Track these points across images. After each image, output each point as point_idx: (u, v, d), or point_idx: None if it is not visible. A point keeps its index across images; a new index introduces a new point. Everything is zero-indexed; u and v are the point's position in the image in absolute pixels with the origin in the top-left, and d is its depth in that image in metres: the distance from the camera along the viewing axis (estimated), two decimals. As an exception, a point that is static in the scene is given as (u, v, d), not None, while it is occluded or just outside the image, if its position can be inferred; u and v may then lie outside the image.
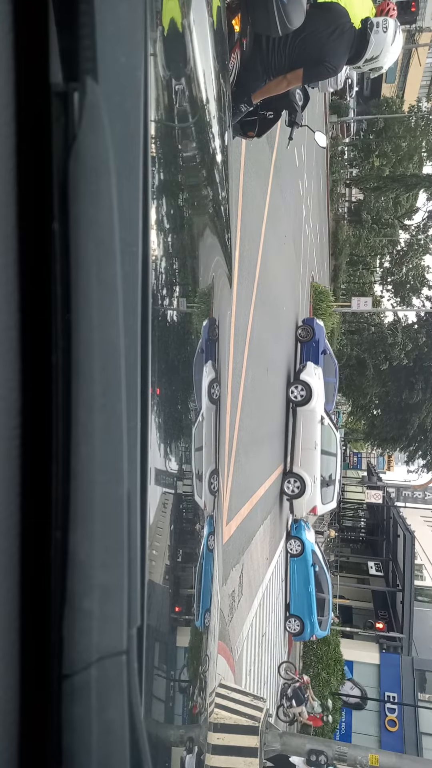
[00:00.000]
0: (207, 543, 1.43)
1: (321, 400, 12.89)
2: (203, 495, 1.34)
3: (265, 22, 2.71)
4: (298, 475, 12.63)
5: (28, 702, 0.45)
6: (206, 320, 1.39)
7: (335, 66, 3.18)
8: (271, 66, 3.17)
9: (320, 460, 12.74)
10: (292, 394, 12.67)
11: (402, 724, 18.69)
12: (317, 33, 3.12)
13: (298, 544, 14.08)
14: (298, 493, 12.64)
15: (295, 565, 14.02)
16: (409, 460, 35.38)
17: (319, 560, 14.46)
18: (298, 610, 13.95)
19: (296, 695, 12.98)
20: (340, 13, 3.20)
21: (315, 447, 12.63)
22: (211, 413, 1.41)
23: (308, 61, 3.17)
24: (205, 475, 1.34)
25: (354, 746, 7.90)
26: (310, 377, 12.86)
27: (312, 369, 13.06)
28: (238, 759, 4.70)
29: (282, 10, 2.63)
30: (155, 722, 0.92)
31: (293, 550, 14.09)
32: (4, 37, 0.42)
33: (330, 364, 14.19)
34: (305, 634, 13.97)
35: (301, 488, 12.62)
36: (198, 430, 1.24)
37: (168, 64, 0.93)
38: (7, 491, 0.44)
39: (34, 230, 0.45)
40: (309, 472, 12.63)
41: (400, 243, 37.03)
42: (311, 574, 13.97)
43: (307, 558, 14.02)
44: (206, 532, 1.43)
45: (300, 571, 14.00)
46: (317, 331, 13.77)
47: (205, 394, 1.33)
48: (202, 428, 1.27)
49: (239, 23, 2.87)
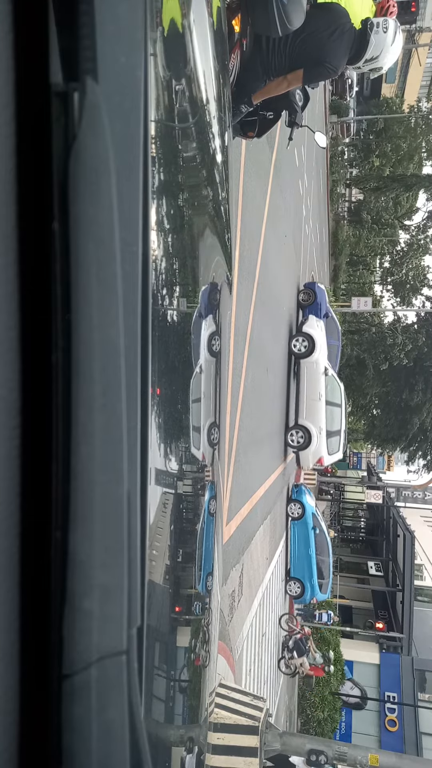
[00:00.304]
0: (208, 507, 1.42)
1: (324, 351, 12.88)
2: (201, 446, 1.32)
3: (265, 22, 2.71)
4: (303, 427, 12.63)
5: (28, 702, 0.45)
6: (206, 286, 1.36)
7: (335, 66, 3.18)
8: (271, 66, 3.17)
9: (325, 411, 12.75)
10: (295, 346, 12.62)
11: (402, 724, 18.70)
12: (317, 33, 3.12)
13: (299, 507, 14.20)
14: (303, 444, 12.66)
15: (296, 528, 14.12)
16: (410, 461, 35.37)
17: (319, 524, 14.57)
18: (298, 572, 14.02)
19: (297, 647, 13.02)
20: (340, 14, 3.20)
21: (319, 398, 12.63)
22: (211, 366, 1.39)
23: (308, 62, 3.17)
24: (203, 427, 1.32)
25: (354, 746, 7.90)
26: (313, 329, 12.84)
27: (314, 321, 13.05)
28: (238, 759, 4.70)
29: (282, 10, 2.63)
30: (155, 722, 0.92)
31: (294, 513, 14.21)
32: (4, 37, 0.42)
33: (332, 327, 14.12)
34: (306, 596, 14.03)
35: (306, 440, 12.62)
36: (196, 381, 1.22)
37: (168, 64, 0.93)
38: (7, 491, 0.44)
39: (34, 230, 0.45)
40: (314, 423, 12.63)
41: (400, 243, 37.02)
42: (311, 536, 14.06)
43: (307, 521, 14.12)
44: (207, 496, 1.42)
45: (300, 534, 14.09)
46: (319, 295, 13.65)
47: (205, 347, 1.31)
48: (200, 380, 1.25)
49: (239, 23, 2.87)
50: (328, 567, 14.77)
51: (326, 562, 14.64)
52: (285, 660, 13.00)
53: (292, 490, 14.48)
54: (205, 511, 1.41)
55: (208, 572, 1.42)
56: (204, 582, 1.38)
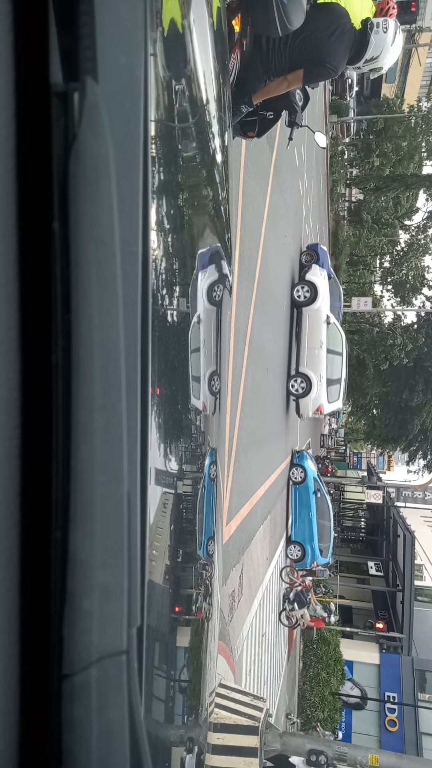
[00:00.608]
0: (209, 472, 1.42)
1: (326, 300, 12.86)
2: (201, 396, 1.29)
3: (265, 22, 2.70)
4: (304, 375, 12.66)
5: (28, 702, 0.45)
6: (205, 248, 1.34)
7: (335, 67, 3.19)
8: (271, 66, 3.17)
9: (326, 360, 12.78)
10: (297, 294, 12.61)
11: (402, 724, 18.70)
12: (317, 33, 3.12)
13: (301, 471, 14.28)
14: (303, 392, 12.69)
15: (297, 492, 14.19)
16: (410, 461, 35.38)
17: (321, 488, 14.64)
18: (299, 536, 14.07)
19: (298, 598, 13.05)
20: (340, 14, 3.20)
21: (321, 346, 12.65)
22: (211, 315, 1.37)
23: (308, 62, 3.17)
24: (204, 376, 1.30)
25: (354, 746, 7.90)
26: (316, 277, 12.83)
27: (317, 270, 13.02)
28: (238, 759, 4.70)
29: (282, 10, 2.62)
30: (155, 722, 0.92)
31: (296, 477, 14.27)
32: (4, 37, 0.42)
33: (335, 289, 14.09)
34: (306, 560, 14.03)
35: (307, 387, 12.66)
36: (194, 331, 1.20)
37: (168, 64, 0.93)
38: (7, 491, 0.44)
39: (34, 230, 0.45)
40: (315, 371, 12.67)
41: (400, 243, 37.02)
42: (313, 500, 14.14)
43: (309, 485, 14.20)
44: (207, 461, 1.42)
45: (302, 498, 14.16)
46: (321, 256, 13.53)
47: (203, 296, 1.29)
48: (199, 330, 1.23)
49: (239, 23, 2.87)
50: (329, 531, 14.88)
51: (327, 526, 14.72)
52: (286, 612, 13.00)
53: (295, 455, 14.54)
54: (206, 476, 1.40)
55: (209, 537, 1.42)
56: (205, 547, 1.38)
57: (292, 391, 12.67)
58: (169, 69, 0.95)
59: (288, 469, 13.95)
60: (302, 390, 12.68)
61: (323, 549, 14.43)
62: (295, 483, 14.19)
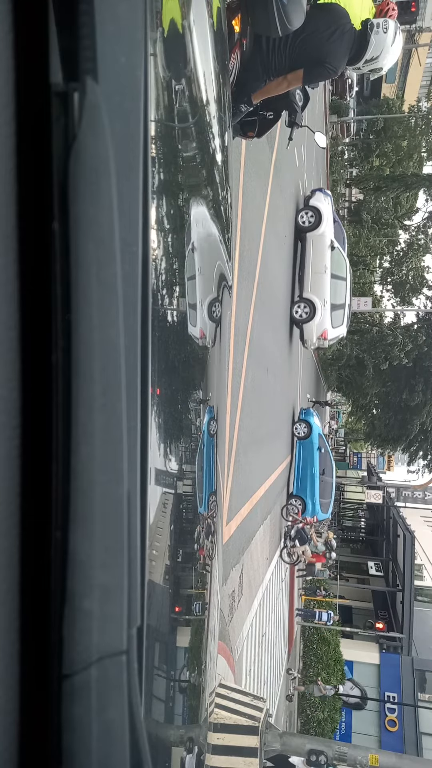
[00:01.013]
0: (208, 429, 1.41)
1: (330, 226, 12.81)
2: (198, 322, 1.23)
3: (265, 22, 2.70)
4: (308, 300, 12.64)
5: (28, 702, 0.45)
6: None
7: (335, 67, 3.19)
8: (271, 66, 3.17)
9: (330, 284, 12.76)
10: (301, 219, 12.56)
11: (402, 724, 18.69)
12: (317, 34, 3.12)
13: (305, 426, 14.37)
14: (307, 317, 12.67)
15: (301, 447, 14.29)
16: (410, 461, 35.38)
17: (324, 444, 14.72)
18: (300, 490, 14.17)
19: (300, 535, 13.10)
20: (340, 14, 3.21)
21: (325, 271, 12.62)
22: (206, 243, 1.32)
23: (308, 62, 3.17)
24: (202, 303, 1.24)
25: (354, 746, 7.90)
26: (320, 202, 12.79)
27: (321, 196, 13.00)
28: (238, 759, 4.70)
29: (282, 10, 2.62)
30: (155, 722, 0.92)
31: (300, 432, 14.35)
32: (4, 37, 0.42)
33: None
34: (306, 513, 14.09)
35: (311, 312, 12.64)
36: (190, 258, 1.16)
37: (168, 64, 0.93)
38: (7, 491, 0.44)
39: (34, 230, 0.45)
40: (319, 296, 12.64)
41: (400, 243, 37.02)
42: (316, 456, 14.24)
43: (313, 441, 14.29)
44: (206, 418, 1.40)
45: (305, 453, 14.26)
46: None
47: (198, 225, 1.25)
48: (194, 258, 1.18)
49: (239, 24, 2.87)
50: (330, 488, 14.99)
51: (329, 482, 14.83)
52: (287, 549, 13.04)
53: (300, 411, 14.59)
54: (204, 432, 1.39)
55: (211, 492, 1.42)
56: (206, 502, 1.38)
57: (296, 317, 12.64)
58: (169, 69, 0.95)
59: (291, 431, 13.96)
60: (306, 315, 12.66)
61: (324, 504, 14.48)
62: (299, 438, 14.28)
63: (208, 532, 1.42)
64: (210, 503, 1.41)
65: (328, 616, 17.23)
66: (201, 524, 1.37)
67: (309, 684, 16.81)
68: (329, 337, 13.42)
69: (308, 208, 12.68)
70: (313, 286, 12.65)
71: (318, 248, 12.63)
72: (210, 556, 1.45)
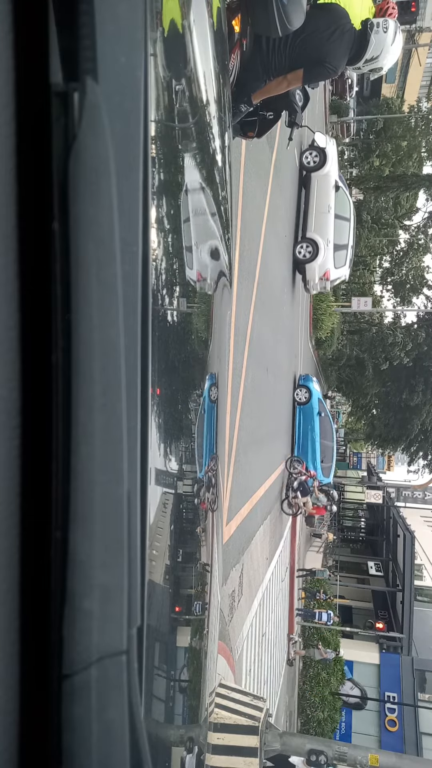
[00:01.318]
0: (209, 395, 1.41)
1: (335, 166, 12.87)
2: (195, 265, 1.19)
3: (265, 22, 2.70)
4: (311, 239, 12.66)
5: (28, 702, 0.45)
6: None
7: (335, 67, 3.20)
8: (271, 66, 3.18)
9: (333, 224, 12.79)
10: (306, 160, 12.61)
11: (402, 724, 18.69)
12: (317, 34, 3.13)
13: (305, 392, 14.56)
14: (310, 257, 12.69)
15: (302, 412, 14.52)
16: (410, 461, 35.38)
17: (324, 409, 14.92)
18: (302, 453, 14.33)
19: (302, 487, 13.15)
20: (340, 14, 3.21)
21: (329, 210, 12.67)
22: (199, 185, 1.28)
23: (308, 62, 3.17)
24: (198, 245, 1.21)
25: (354, 746, 7.90)
26: (325, 143, 12.86)
27: (325, 138, 13.09)
28: (238, 759, 4.70)
29: (282, 10, 2.62)
30: (155, 722, 0.92)
31: (300, 398, 14.55)
32: (4, 37, 0.42)
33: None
34: None
35: (314, 252, 12.67)
36: (184, 202, 1.13)
37: (168, 64, 0.93)
38: (7, 491, 0.44)
39: (34, 230, 0.45)
40: (322, 236, 12.67)
41: (400, 243, 37.02)
42: (316, 421, 14.45)
43: (313, 405, 14.52)
44: (207, 384, 1.40)
45: (306, 418, 14.46)
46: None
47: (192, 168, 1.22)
48: (187, 201, 1.15)
49: (239, 24, 2.88)
50: (331, 452, 15.22)
51: (330, 446, 15.04)
52: (288, 500, 13.09)
53: (300, 377, 14.74)
54: (206, 398, 1.39)
55: (212, 455, 1.42)
56: (206, 464, 1.38)
57: (299, 257, 12.65)
58: (169, 69, 0.95)
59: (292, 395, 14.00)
60: (309, 255, 12.69)
61: (325, 469, 14.58)
62: (299, 403, 14.47)
63: (209, 485, 1.41)
64: (210, 464, 1.41)
65: (328, 616, 17.24)
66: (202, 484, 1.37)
67: (310, 648, 16.84)
68: (331, 278, 13.42)
69: (313, 148, 12.71)
70: (317, 226, 12.64)
71: (322, 188, 12.66)
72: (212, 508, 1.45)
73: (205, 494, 1.38)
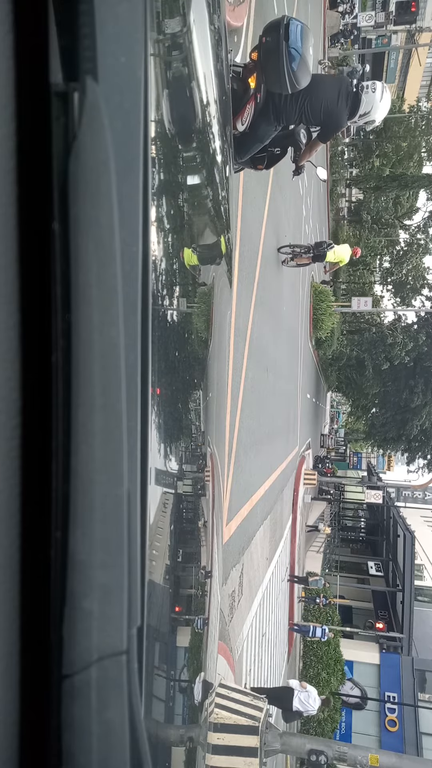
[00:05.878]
0: None
1: None
2: None
3: (277, 81, 3.26)
4: None
5: (28, 702, 0.45)
6: None
7: (343, 125, 4.07)
8: (282, 115, 3.80)
9: None
10: None
11: (402, 724, 18.69)
12: (329, 103, 3.87)
13: None
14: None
15: None
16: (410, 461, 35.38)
17: None
18: None
19: (317, 251, 11.90)
20: (340, 78, 4.00)
21: None
22: None
23: (324, 125, 4.00)
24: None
25: (354, 746, 7.88)
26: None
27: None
28: (238, 759, 4.70)
29: (291, 73, 3.18)
30: (155, 722, 0.92)
31: None
32: (4, 37, 0.42)
33: None
34: None
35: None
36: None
37: (168, 64, 0.93)
38: (7, 491, 0.44)
39: (34, 230, 0.45)
40: None
41: (400, 243, 37.03)
42: None
43: None
44: None
45: None
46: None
47: None
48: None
49: (254, 81, 3.50)
50: None
51: None
52: (297, 258, 11.85)
53: None
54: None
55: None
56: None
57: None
58: (169, 69, 0.94)
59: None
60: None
61: None
62: None
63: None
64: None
65: (322, 631, 17.06)
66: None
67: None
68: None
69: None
70: None
71: None
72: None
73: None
